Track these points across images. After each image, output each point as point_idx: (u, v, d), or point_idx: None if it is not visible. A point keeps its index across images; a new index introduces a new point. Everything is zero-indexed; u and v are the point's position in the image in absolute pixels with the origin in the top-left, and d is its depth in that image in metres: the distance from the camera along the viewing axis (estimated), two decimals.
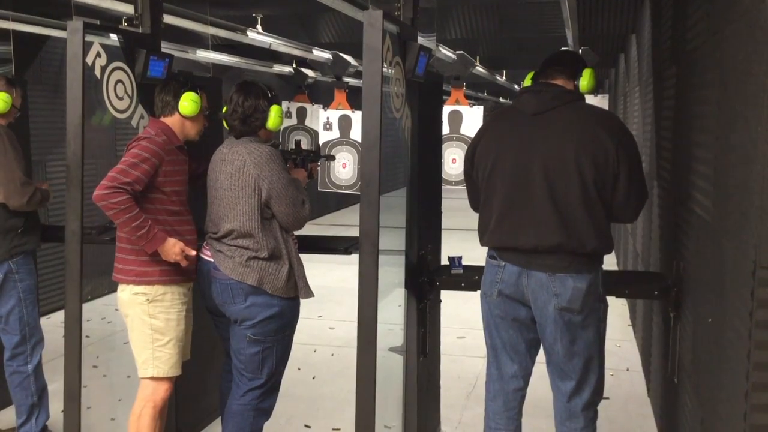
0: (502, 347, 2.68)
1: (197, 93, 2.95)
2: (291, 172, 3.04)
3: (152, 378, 2.91)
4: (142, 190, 2.76)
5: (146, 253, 2.80)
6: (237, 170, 2.78)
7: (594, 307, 2.55)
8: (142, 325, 2.87)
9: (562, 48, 2.76)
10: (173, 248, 2.82)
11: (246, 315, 2.82)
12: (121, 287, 2.91)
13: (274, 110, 2.87)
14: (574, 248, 2.47)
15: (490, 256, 2.66)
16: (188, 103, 2.92)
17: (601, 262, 2.60)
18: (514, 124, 2.61)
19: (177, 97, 2.92)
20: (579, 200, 2.46)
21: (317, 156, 3.27)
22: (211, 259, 2.87)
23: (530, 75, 2.74)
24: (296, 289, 2.86)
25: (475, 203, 2.79)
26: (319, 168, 3.34)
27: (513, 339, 2.65)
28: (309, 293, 2.89)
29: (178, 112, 2.93)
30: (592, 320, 2.55)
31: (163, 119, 2.95)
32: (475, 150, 2.69)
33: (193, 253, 2.89)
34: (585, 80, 2.66)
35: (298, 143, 3.25)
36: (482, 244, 2.70)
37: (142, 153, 2.78)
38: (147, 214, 2.76)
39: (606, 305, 2.63)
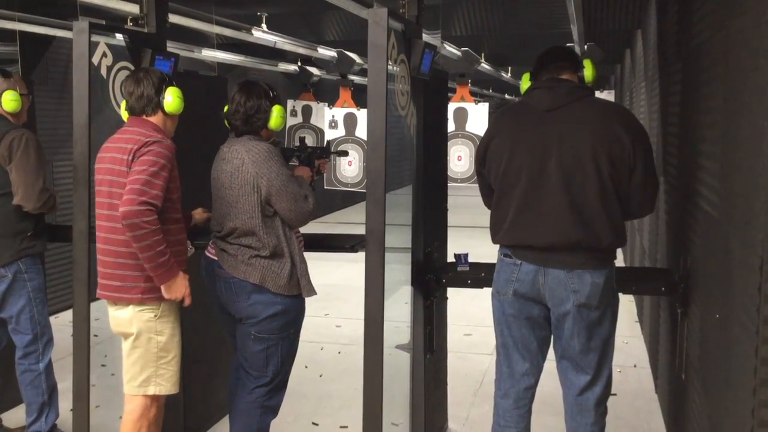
0: (513, 345, 2.68)
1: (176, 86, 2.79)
2: (295, 169, 3.04)
3: (147, 396, 2.80)
4: None
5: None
6: (236, 169, 2.78)
7: (610, 302, 2.57)
8: (148, 343, 2.75)
9: (553, 45, 2.74)
10: (184, 282, 2.71)
11: (249, 313, 2.82)
12: (118, 306, 2.75)
13: (276, 110, 2.86)
14: (591, 244, 2.48)
15: (504, 255, 2.65)
16: (173, 98, 2.75)
17: (615, 257, 2.61)
18: (527, 120, 2.59)
19: (159, 93, 2.74)
20: (596, 196, 2.46)
21: (326, 152, 3.24)
22: (215, 258, 2.88)
23: (527, 76, 2.73)
24: (299, 286, 2.85)
25: (487, 200, 2.78)
26: (328, 163, 3.31)
27: (525, 337, 2.65)
28: (311, 291, 2.89)
29: (162, 109, 2.76)
30: (608, 315, 2.58)
31: (147, 118, 2.75)
32: (487, 148, 2.67)
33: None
34: (588, 71, 2.67)
35: (302, 140, 3.22)
36: (495, 241, 2.68)
37: (159, 160, 2.62)
38: None
39: (618, 300, 2.64)
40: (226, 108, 2.91)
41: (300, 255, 2.89)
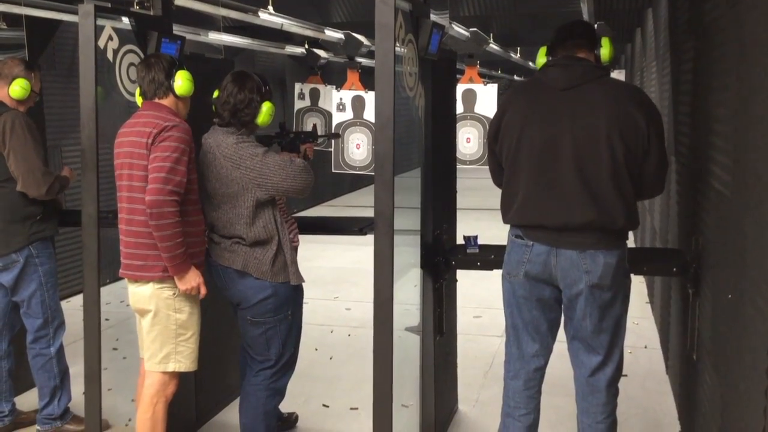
0: (523, 327, 2.67)
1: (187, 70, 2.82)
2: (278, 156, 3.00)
3: (166, 372, 2.85)
4: None
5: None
6: (210, 163, 2.78)
7: (622, 283, 2.56)
8: (166, 320, 2.80)
9: (573, 20, 2.71)
10: (196, 277, 2.76)
11: (241, 298, 2.85)
12: (138, 283, 2.81)
13: (265, 106, 2.83)
14: (605, 225, 2.46)
15: (515, 236, 2.62)
16: (183, 82, 2.80)
17: (627, 237, 2.59)
18: (541, 98, 2.55)
19: (169, 77, 2.79)
20: (609, 177, 2.44)
21: (311, 135, 3.18)
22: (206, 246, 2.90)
23: (543, 50, 2.68)
24: (285, 273, 2.83)
25: (498, 179, 2.75)
26: (316, 148, 3.26)
27: (536, 319, 2.64)
28: (299, 279, 2.88)
29: (173, 92, 2.81)
30: (620, 296, 2.56)
31: (160, 101, 2.80)
32: (499, 125, 2.62)
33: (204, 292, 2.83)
34: (606, 49, 2.63)
35: (282, 125, 3.12)
36: (506, 221, 2.66)
37: (179, 145, 2.67)
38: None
39: (630, 280, 2.62)
40: (215, 93, 2.87)
41: (288, 242, 2.85)
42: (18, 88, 3.30)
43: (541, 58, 2.67)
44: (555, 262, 2.52)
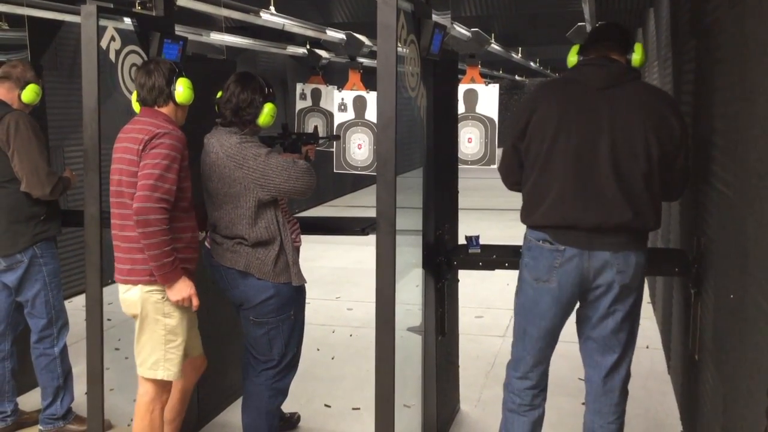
0: (538, 333, 2.62)
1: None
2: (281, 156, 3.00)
3: (157, 379, 2.82)
4: None
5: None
6: (213, 163, 2.78)
7: (643, 282, 2.58)
8: (155, 325, 2.77)
9: (608, 21, 2.71)
10: (187, 288, 2.72)
11: (243, 298, 2.85)
12: (126, 287, 2.78)
13: (267, 107, 2.83)
14: (638, 226, 2.47)
15: (542, 240, 2.54)
16: (183, 89, 2.78)
17: (648, 237, 2.61)
18: (577, 97, 2.52)
19: (170, 84, 2.78)
20: (643, 178, 2.44)
21: (312, 137, 3.18)
22: (209, 246, 2.91)
23: (575, 49, 2.66)
24: (287, 274, 2.83)
25: (513, 177, 2.68)
26: (317, 149, 3.25)
27: (555, 326, 2.62)
28: (300, 279, 2.87)
29: (173, 100, 2.78)
30: (640, 295, 2.59)
31: (159, 109, 2.78)
32: (528, 122, 2.56)
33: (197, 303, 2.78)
34: (638, 55, 2.61)
35: (285, 126, 3.12)
36: (530, 221, 2.58)
37: (170, 153, 2.65)
38: None
39: (644, 279, 2.64)
40: (219, 93, 2.87)
41: (290, 243, 2.85)
42: (31, 93, 3.35)
43: (573, 57, 2.65)
44: (588, 264, 2.49)
